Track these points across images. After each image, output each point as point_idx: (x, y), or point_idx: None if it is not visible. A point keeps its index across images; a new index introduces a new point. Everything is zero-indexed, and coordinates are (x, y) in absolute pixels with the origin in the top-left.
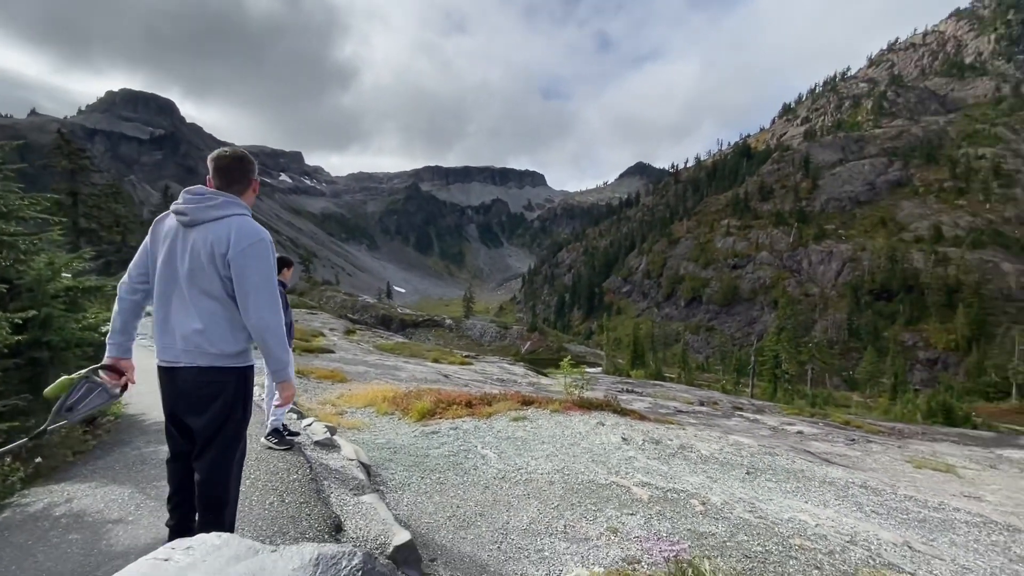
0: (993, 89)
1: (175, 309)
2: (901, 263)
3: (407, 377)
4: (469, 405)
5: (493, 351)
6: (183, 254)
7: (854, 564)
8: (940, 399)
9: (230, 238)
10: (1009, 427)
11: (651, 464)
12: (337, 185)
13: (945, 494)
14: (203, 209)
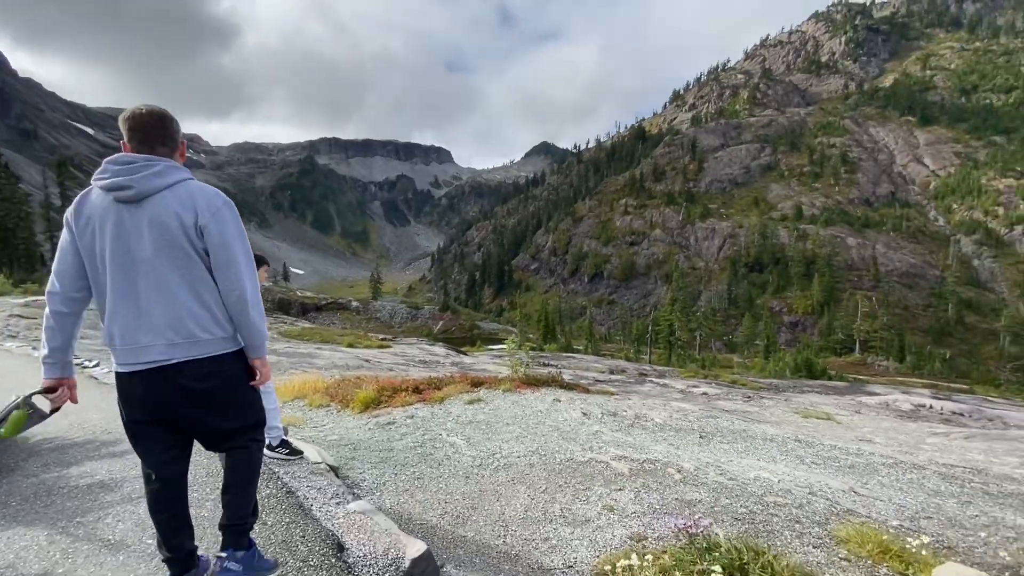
0: (843, 86)
1: (147, 300)
2: (770, 239)
3: (326, 364)
4: (417, 391)
5: (405, 332)
6: (138, 234)
7: (822, 514)
8: (803, 356)
9: (195, 205)
10: (855, 377)
11: (617, 437)
12: (219, 156)
13: (847, 440)
14: (146, 179)
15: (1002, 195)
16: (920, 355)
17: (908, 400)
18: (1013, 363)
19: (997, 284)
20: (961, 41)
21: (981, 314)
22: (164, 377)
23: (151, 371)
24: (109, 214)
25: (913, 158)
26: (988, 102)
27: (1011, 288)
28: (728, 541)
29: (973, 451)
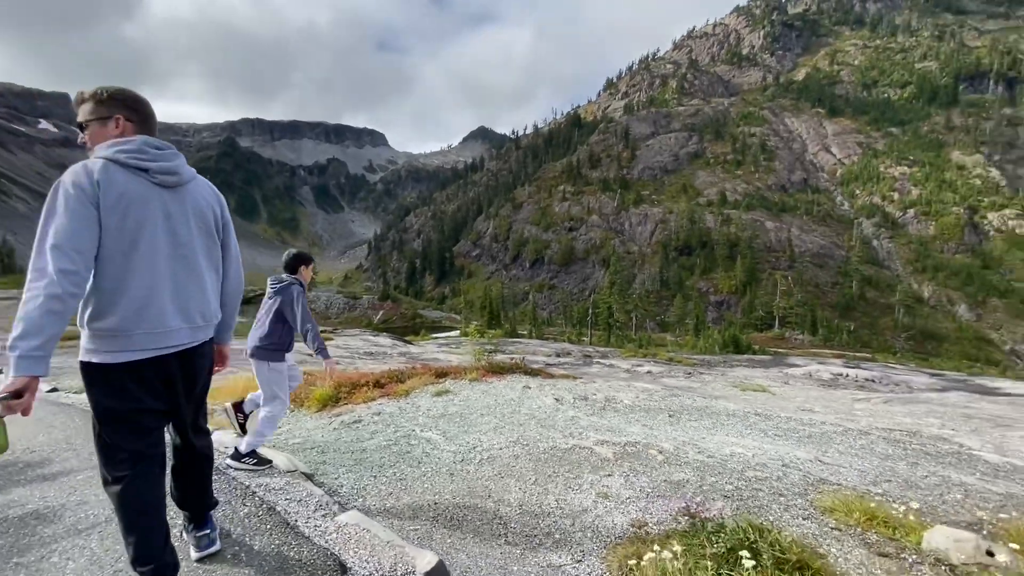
0: (761, 78)
1: (183, 285)
2: (698, 224)
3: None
4: (379, 385)
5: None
6: (184, 221)
7: (800, 485)
8: (730, 333)
9: (217, 197)
10: (776, 350)
11: (594, 421)
12: None
13: (793, 410)
14: (182, 166)
15: (897, 182)
16: (830, 328)
17: (827, 370)
18: (906, 332)
19: (893, 262)
20: (864, 39)
21: (879, 290)
22: (182, 361)
23: (175, 355)
24: (152, 196)
25: (822, 147)
26: (886, 96)
27: (904, 265)
28: (732, 521)
29: (899, 415)
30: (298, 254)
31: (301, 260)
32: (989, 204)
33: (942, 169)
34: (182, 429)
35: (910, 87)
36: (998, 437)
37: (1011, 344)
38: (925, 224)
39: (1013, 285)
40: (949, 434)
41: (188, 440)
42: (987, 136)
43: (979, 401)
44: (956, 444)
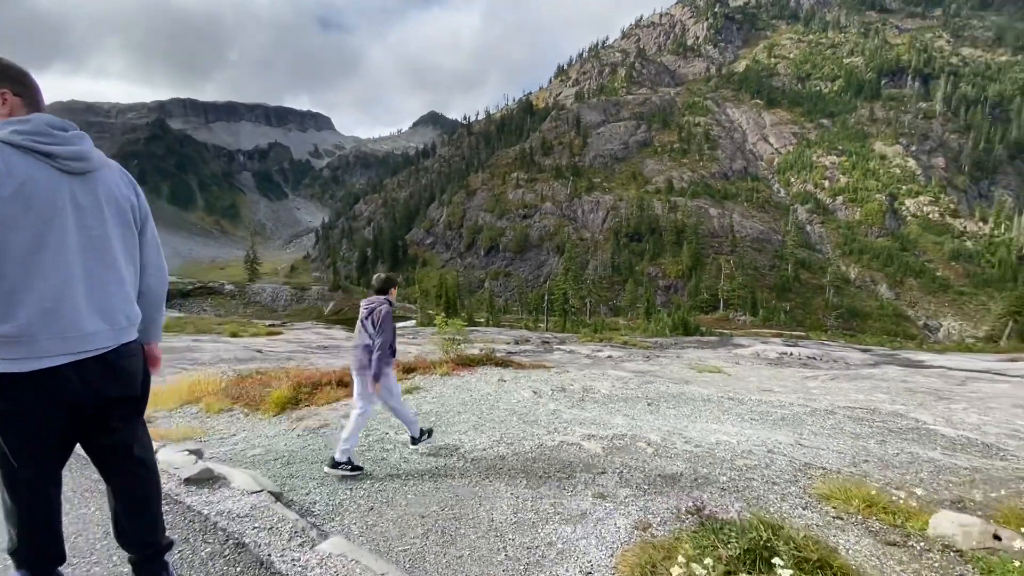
0: (705, 69)
1: (100, 282)
2: (647, 210)
3: (212, 359)
4: (342, 384)
5: (290, 316)
6: (97, 211)
7: (789, 471)
8: (679, 316)
9: (131, 183)
10: (721, 331)
11: (576, 414)
12: None
13: (756, 391)
14: (91, 150)
15: (828, 170)
16: (769, 309)
17: (773, 350)
18: (836, 311)
19: (824, 246)
20: (798, 33)
21: (812, 272)
22: (106, 366)
23: (95, 360)
24: (59, 185)
25: (761, 137)
26: (818, 89)
27: (834, 249)
28: (739, 518)
29: (850, 391)
30: (388, 276)
31: (390, 283)
32: (907, 192)
33: (867, 159)
34: (115, 448)
35: (839, 81)
36: (944, 410)
37: (924, 319)
38: (852, 210)
39: (926, 266)
40: (902, 409)
41: (124, 461)
42: (905, 128)
43: (914, 375)
44: (912, 420)
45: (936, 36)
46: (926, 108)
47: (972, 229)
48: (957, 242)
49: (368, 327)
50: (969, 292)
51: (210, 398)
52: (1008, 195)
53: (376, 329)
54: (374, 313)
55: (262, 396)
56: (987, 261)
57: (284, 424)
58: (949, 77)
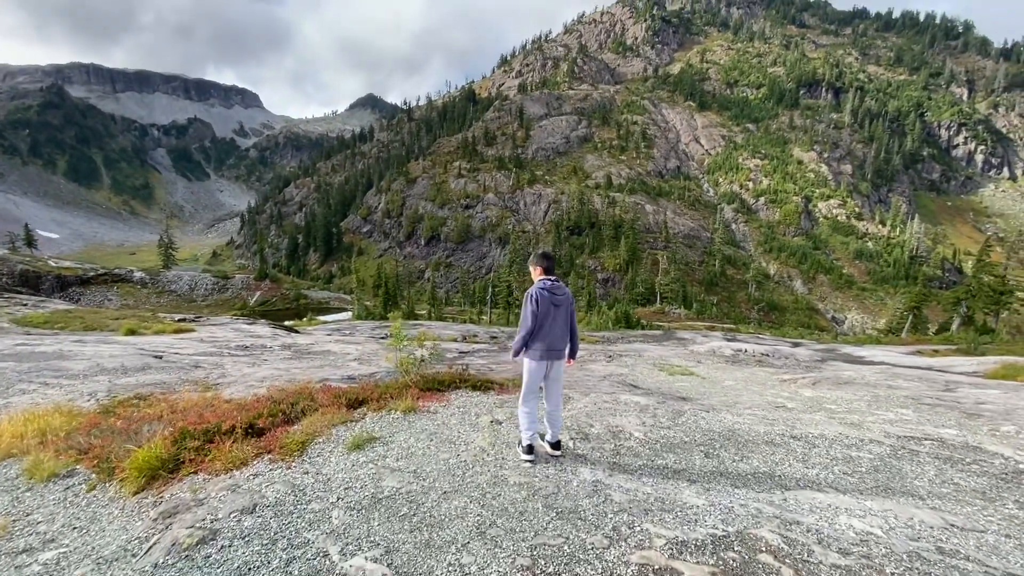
0: (643, 69)
1: None
2: (587, 205)
3: (87, 370)
4: (253, 431)
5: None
6: None
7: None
8: (622, 310)
9: None
10: (667, 325)
11: (627, 488)
12: None
13: (767, 407)
14: None
15: (752, 172)
16: (701, 303)
17: (728, 346)
18: (758, 305)
19: (747, 243)
20: (728, 41)
21: (737, 268)
22: None
23: None
24: None
25: (693, 138)
26: (745, 95)
27: (756, 246)
28: None
29: (858, 403)
30: (544, 253)
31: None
32: (819, 195)
33: (786, 163)
34: None
35: (763, 88)
36: (1012, 435)
37: (832, 313)
38: (772, 210)
39: (834, 264)
40: (970, 439)
41: None
42: (819, 136)
43: (894, 379)
44: (1004, 457)
45: (846, 53)
46: (837, 119)
47: (873, 231)
48: (860, 243)
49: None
50: (870, 288)
51: (38, 452)
52: (903, 201)
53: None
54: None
55: (123, 453)
56: (884, 261)
57: (141, 518)
58: (856, 91)
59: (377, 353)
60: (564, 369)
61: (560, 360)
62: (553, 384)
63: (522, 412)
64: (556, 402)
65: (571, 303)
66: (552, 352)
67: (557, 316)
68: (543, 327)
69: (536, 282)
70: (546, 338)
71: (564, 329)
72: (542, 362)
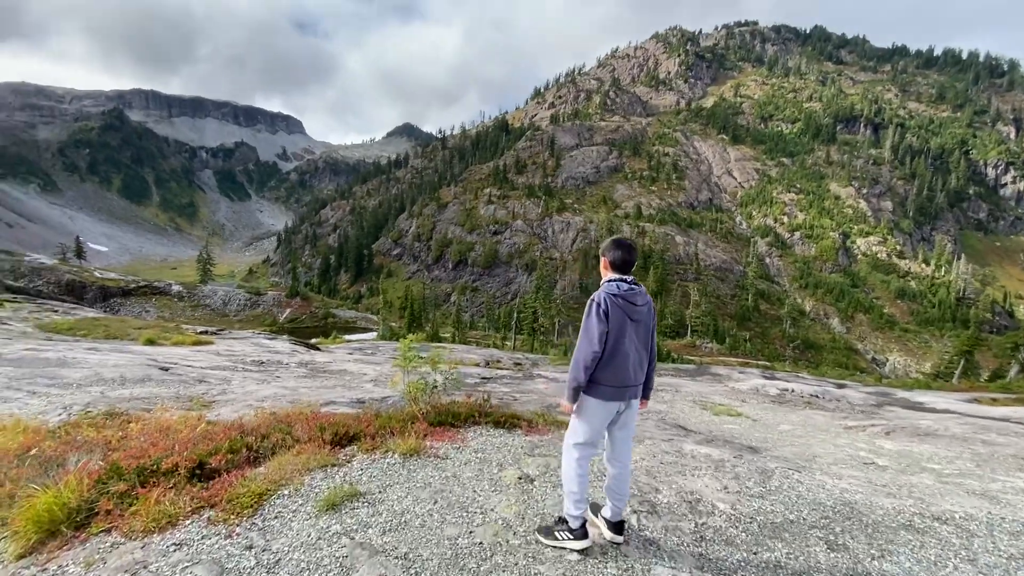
0: (675, 102)
1: None
2: (616, 234)
3: (85, 379)
4: (203, 475)
5: (243, 322)
6: None
7: None
8: None
9: None
10: (690, 358)
11: None
12: None
13: (855, 464)
14: None
15: (787, 206)
16: (734, 338)
17: (773, 385)
18: (793, 343)
19: (782, 278)
20: (762, 76)
21: (770, 303)
22: None
23: None
24: None
25: (726, 171)
26: (779, 129)
27: (791, 281)
28: None
29: (958, 463)
30: (618, 240)
31: (621, 246)
32: (858, 231)
33: (822, 198)
34: None
35: (799, 123)
36: None
37: (872, 353)
38: (808, 245)
39: (874, 302)
40: None
41: None
42: (857, 172)
43: (984, 431)
44: None
45: (885, 89)
46: (876, 155)
47: (915, 270)
48: (902, 282)
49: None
50: (913, 330)
51: None
52: (948, 240)
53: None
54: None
55: (24, 498)
56: (929, 302)
57: None
58: (897, 128)
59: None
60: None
61: (635, 400)
62: (621, 435)
63: (571, 472)
64: (624, 463)
65: (653, 317)
66: (626, 389)
67: (634, 336)
68: (615, 351)
69: (604, 284)
70: (618, 368)
71: (642, 354)
72: (611, 403)
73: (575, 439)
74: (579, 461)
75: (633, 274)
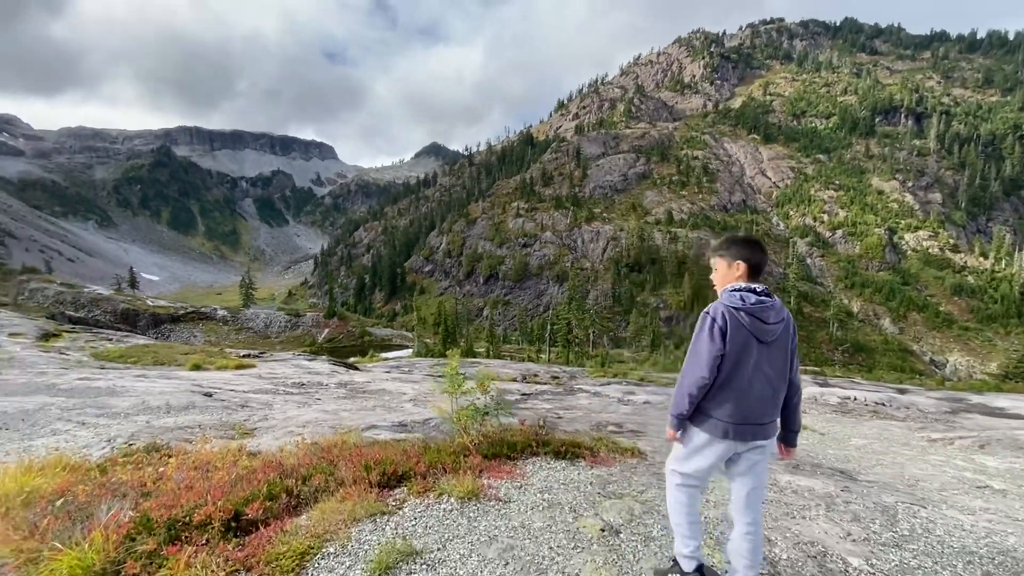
0: (702, 105)
1: None
2: (647, 241)
3: (132, 407)
4: (240, 528)
5: (283, 344)
6: None
7: None
8: None
9: None
10: None
11: None
12: (44, 142)
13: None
14: None
15: (826, 204)
16: None
17: (832, 393)
18: (842, 346)
19: (825, 279)
20: (792, 72)
21: (815, 305)
22: None
23: None
24: None
25: (759, 171)
26: (813, 126)
27: (835, 282)
28: None
29: None
30: (744, 238)
31: (748, 245)
32: (905, 226)
33: (864, 193)
34: None
35: (834, 118)
36: None
37: (930, 355)
38: (851, 244)
39: (929, 300)
40: None
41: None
42: (900, 164)
43: None
44: None
45: (926, 77)
46: (920, 145)
47: (972, 264)
48: (958, 277)
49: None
50: (974, 328)
51: None
52: (1006, 231)
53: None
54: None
55: (54, 550)
56: (990, 297)
57: None
58: (941, 116)
59: (434, 393)
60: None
61: (764, 442)
62: (744, 483)
63: (672, 501)
64: (750, 520)
65: (793, 337)
66: (747, 427)
67: (763, 362)
68: (733, 379)
69: (723, 294)
70: (739, 401)
71: (776, 385)
72: (725, 443)
73: (674, 464)
74: (680, 488)
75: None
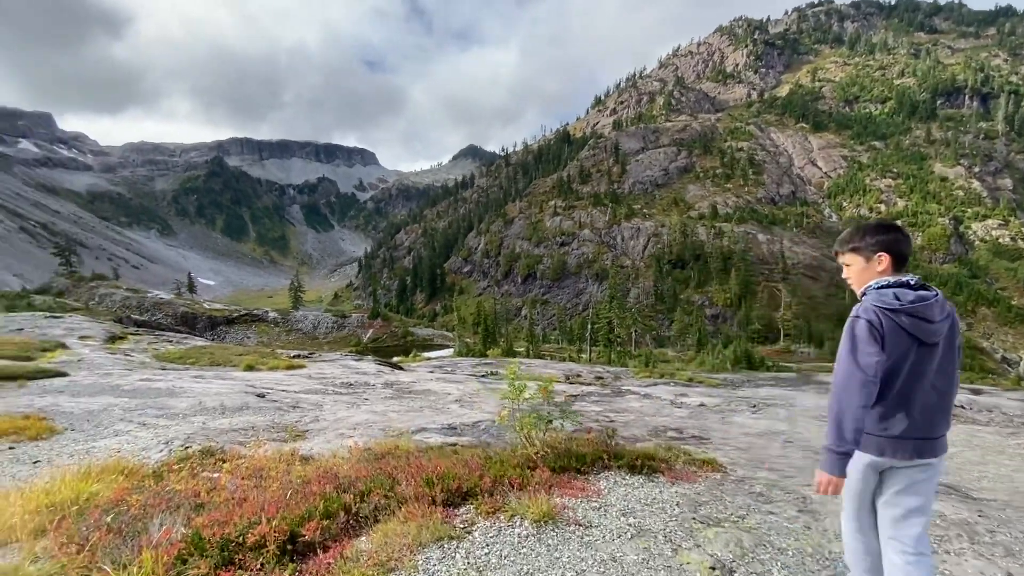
0: (746, 94)
1: None
2: (690, 236)
3: (189, 408)
4: (296, 551)
5: (330, 344)
6: None
7: None
8: (742, 348)
9: None
10: (788, 365)
11: None
12: (110, 157)
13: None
14: None
15: (883, 193)
16: (834, 341)
17: None
18: None
19: None
20: (843, 56)
21: None
22: None
23: None
24: None
25: (808, 161)
26: (868, 111)
27: None
28: None
29: None
30: (886, 224)
31: (888, 231)
32: (973, 215)
33: (926, 181)
34: None
35: (890, 102)
36: None
37: (1002, 352)
38: (913, 234)
39: (999, 294)
40: None
41: None
42: (966, 149)
43: None
44: None
45: (992, 55)
46: (987, 128)
47: None
48: None
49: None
50: None
51: (37, 539)
52: None
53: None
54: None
55: (124, 562)
56: None
57: None
58: (1010, 96)
59: (479, 394)
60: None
61: (936, 459)
62: (911, 504)
63: (856, 566)
64: (915, 551)
65: (958, 335)
66: (911, 443)
67: (929, 363)
68: (895, 391)
69: (872, 292)
70: (899, 413)
71: (944, 393)
72: (883, 459)
73: (847, 520)
74: (854, 534)
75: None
